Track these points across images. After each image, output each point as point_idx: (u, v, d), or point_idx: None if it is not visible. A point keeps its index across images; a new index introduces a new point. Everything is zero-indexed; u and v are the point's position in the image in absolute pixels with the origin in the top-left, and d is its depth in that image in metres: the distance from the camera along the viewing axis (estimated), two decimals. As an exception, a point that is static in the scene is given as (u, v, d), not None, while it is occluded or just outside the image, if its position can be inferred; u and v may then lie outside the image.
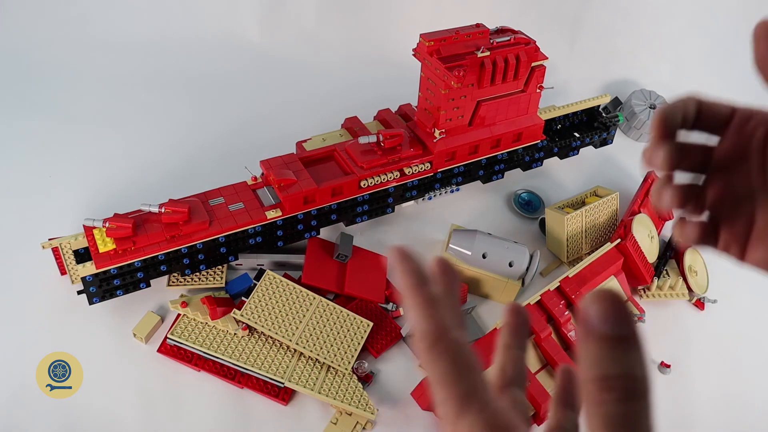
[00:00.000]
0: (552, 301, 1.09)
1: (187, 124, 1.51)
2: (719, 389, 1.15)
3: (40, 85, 1.55)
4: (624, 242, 1.19)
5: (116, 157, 1.40)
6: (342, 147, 1.23)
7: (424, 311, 0.34)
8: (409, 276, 0.35)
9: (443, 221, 1.33)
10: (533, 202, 1.43)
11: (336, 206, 1.20)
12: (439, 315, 0.34)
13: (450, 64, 1.15)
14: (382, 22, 1.79)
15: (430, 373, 0.33)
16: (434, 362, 0.32)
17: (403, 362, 1.11)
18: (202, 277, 1.14)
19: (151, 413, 0.99)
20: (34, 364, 1.01)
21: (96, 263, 1.00)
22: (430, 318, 0.34)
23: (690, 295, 1.28)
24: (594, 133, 1.49)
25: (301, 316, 1.07)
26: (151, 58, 1.66)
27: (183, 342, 1.02)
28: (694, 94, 0.46)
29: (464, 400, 0.31)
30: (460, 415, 0.31)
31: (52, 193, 1.30)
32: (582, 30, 1.87)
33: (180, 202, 1.07)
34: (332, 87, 1.65)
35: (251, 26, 1.75)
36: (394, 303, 1.18)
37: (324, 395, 1.00)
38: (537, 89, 1.29)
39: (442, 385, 0.32)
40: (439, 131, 1.23)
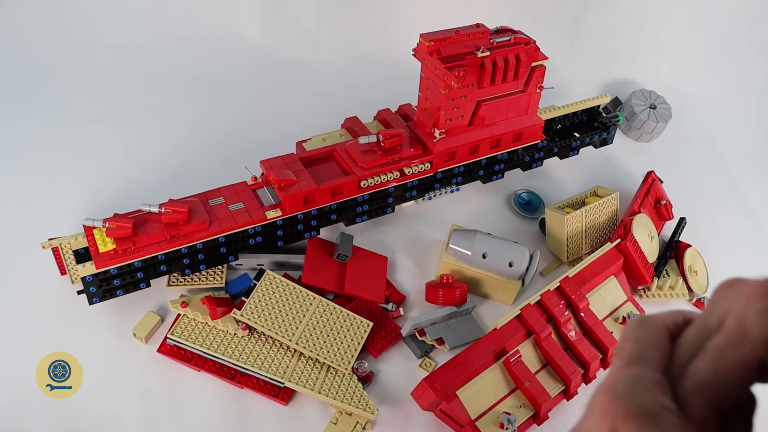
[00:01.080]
0: (552, 301, 1.09)
1: (187, 124, 1.51)
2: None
3: (40, 85, 1.55)
4: (624, 242, 1.19)
5: (116, 157, 1.40)
6: (342, 147, 1.23)
7: (671, 315, 0.38)
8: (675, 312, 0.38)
9: (443, 221, 1.33)
10: (533, 202, 1.43)
11: (336, 206, 1.20)
12: (669, 319, 0.37)
13: (450, 64, 1.15)
14: (382, 22, 1.79)
15: (630, 333, 0.36)
16: (639, 329, 0.36)
17: (403, 362, 1.11)
18: (202, 277, 1.14)
19: (151, 413, 0.99)
20: (34, 364, 1.01)
21: (96, 263, 1.00)
22: (668, 316, 0.37)
23: (690, 295, 1.28)
24: (594, 133, 1.49)
25: (301, 316, 1.07)
26: (151, 58, 1.66)
27: (183, 342, 1.02)
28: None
29: (641, 357, 0.34)
30: (631, 364, 0.34)
31: (52, 193, 1.30)
32: (582, 30, 1.87)
33: (180, 202, 1.07)
34: (332, 87, 1.65)
35: (251, 26, 1.75)
36: (394, 303, 1.18)
37: (324, 395, 1.00)
38: (537, 89, 1.29)
39: (632, 342, 0.36)
40: (439, 131, 1.23)
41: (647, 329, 0.36)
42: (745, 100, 1.85)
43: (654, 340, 0.36)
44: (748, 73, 1.87)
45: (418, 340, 1.12)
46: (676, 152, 1.70)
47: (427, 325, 1.10)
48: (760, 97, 1.86)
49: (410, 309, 1.19)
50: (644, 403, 0.31)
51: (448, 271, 1.19)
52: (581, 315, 1.10)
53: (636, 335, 0.36)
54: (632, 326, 0.37)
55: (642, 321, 0.37)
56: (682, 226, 1.37)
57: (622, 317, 1.16)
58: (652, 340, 0.36)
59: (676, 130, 1.72)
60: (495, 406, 1.00)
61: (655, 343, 0.35)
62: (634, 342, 0.36)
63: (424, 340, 1.11)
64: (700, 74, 1.87)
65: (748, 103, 1.85)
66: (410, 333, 1.10)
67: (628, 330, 0.37)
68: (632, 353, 0.35)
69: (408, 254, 1.28)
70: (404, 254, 1.28)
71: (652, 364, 0.34)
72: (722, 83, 1.87)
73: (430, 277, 1.24)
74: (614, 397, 0.32)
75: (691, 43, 1.88)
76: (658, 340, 0.36)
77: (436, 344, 1.12)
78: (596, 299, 1.14)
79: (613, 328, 1.13)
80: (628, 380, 0.33)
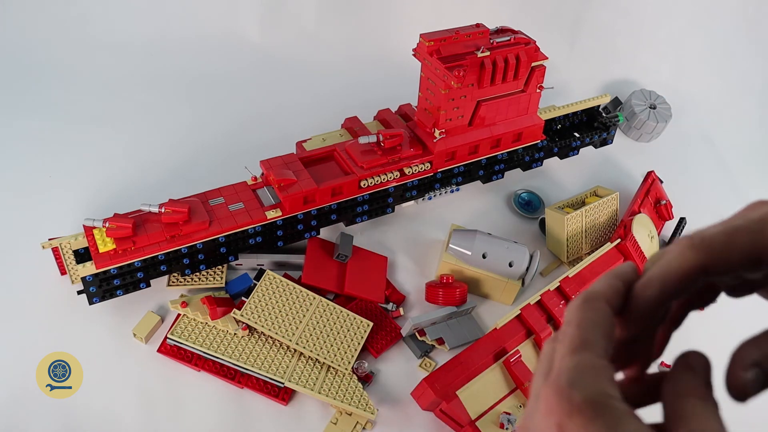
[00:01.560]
0: (552, 301, 1.09)
1: (187, 124, 1.51)
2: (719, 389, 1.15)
3: (40, 85, 1.55)
4: (624, 242, 1.19)
5: (116, 157, 1.40)
6: (342, 147, 1.23)
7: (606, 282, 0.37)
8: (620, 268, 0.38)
9: (443, 221, 1.33)
10: (533, 202, 1.43)
11: (336, 206, 1.20)
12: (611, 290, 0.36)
13: (450, 64, 1.15)
14: (382, 22, 1.79)
15: (572, 315, 0.35)
16: (582, 309, 0.35)
17: (403, 362, 1.11)
18: (202, 277, 1.14)
19: (151, 413, 0.99)
20: (34, 364, 1.01)
21: (96, 263, 1.00)
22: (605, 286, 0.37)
23: (690, 295, 1.28)
24: (594, 133, 1.49)
25: (301, 316, 1.07)
26: (151, 58, 1.66)
27: (183, 342, 1.02)
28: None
29: (584, 344, 0.33)
30: (573, 351, 0.33)
31: (52, 193, 1.30)
32: (582, 30, 1.87)
33: (180, 202, 1.07)
34: (332, 87, 1.65)
35: (251, 26, 1.75)
36: (394, 303, 1.18)
37: (324, 395, 1.00)
38: (537, 89, 1.29)
39: (574, 326, 0.35)
40: (439, 131, 1.23)
41: (589, 310, 0.35)
42: (745, 100, 1.85)
43: (596, 322, 0.35)
44: (748, 73, 1.87)
45: (418, 340, 1.12)
46: (676, 152, 1.70)
47: (427, 325, 1.10)
48: (760, 97, 1.86)
49: (410, 309, 1.19)
50: (589, 395, 0.31)
51: (448, 271, 1.19)
52: (581, 315, 1.10)
53: (578, 318, 0.35)
54: (574, 308, 0.36)
55: (584, 301, 0.36)
56: (682, 226, 1.37)
57: (622, 317, 1.16)
58: (594, 322, 0.35)
59: (676, 130, 1.72)
60: (495, 406, 1.00)
61: (598, 324, 0.35)
62: (575, 326, 0.35)
63: (424, 340, 1.11)
64: (700, 74, 1.87)
65: (748, 103, 1.85)
66: (410, 333, 1.10)
67: (570, 312, 0.36)
68: (574, 339, 0.34)
69: (408, 254, 1.28)
70: (404, 254, 1.28)
71: (596, 349, 0.33)
72: (722, 83, 1.87)
73: (430, 277, 1.24)
74: (558, 391, 0.32)
75: (691, 43, 1.88)
76: (601, 321, 0.35)
77: (436, 344, 1.12)
78: (596, 299, 1.14)
79: (613, 328, 1.13)
80: (571, 370, 0.32)
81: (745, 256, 0.35)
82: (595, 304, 0.36)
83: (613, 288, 0.37)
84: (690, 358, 0.37)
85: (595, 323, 0.35)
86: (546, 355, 0.36)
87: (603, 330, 0.35)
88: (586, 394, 0.31)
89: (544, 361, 0.36)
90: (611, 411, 0.30)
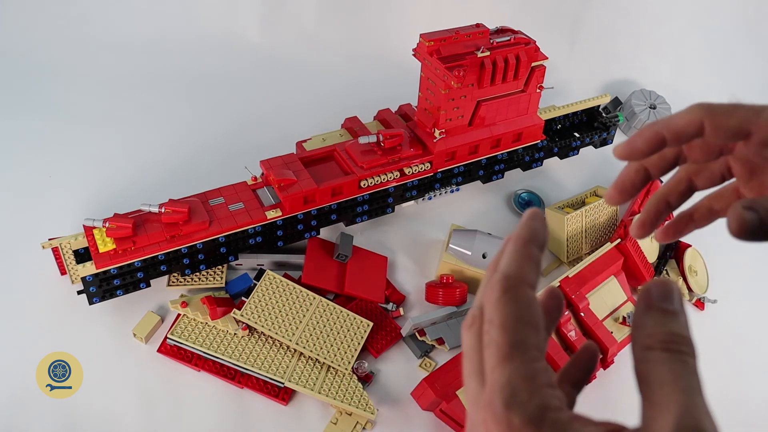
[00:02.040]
0: (552, 301, 1.09)
1: (187, 124, 1.51)
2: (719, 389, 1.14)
3: (40, 85, 1.55)
4: (624, 242, 1.19)
5: (116, 157, 1.40)
6: (342, 147, 1.23)
7: (519, 258, 0.34)
8: (530, 230, 0.36)
9: (443, 221, 1.33)
10: (533, 202, 1.43)
11: (336, 206, 1.20)
12: (529, 268, 0.34)
13: (450, 64, 1.15)
14: (382, 22, 1.79)
15: (494, 313, 0.33)
16: (503, 304, 0.33)
17: (403, 362, 1.11)
18: (202, 277, 1.14)
19: (151, 413, 0.99)
20: (34, 364, 1.01)
21: (96, 263, 1.00)
22: (522, 267, 0.34)
23: (690, 295, 1.28)
24: (594, 133, 1.49)
25: (301, 316, 1.07)
26: (151, 58, 1.66)
27: (183, 342, 1.02)
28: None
29: (515, 348, 0.31)
30: (503, 361, 0.31)
31: (52, 193, 1.30)
32: (582, 30, 1.87)
33: (180, 202, 1.07)
34: (332, 87, 1.65)
35: (251, 26, 1.75)
36: (394, 303, 1.18)
37: (324, 395, 1.00)
38: (537, 89, 1.29)
39: (499, 328, 0.32)
40: (439, 131, 1.23)
41: (511, 303, 0.33)
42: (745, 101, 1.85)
43: (521, 317, 0.32)
44: (748, 73, 1.87)
45: (418, 340, 1.12)
46: (676, 152, 1.70)
47: (427, 325, 1.10)
48: (760, 97, 1.86)
49: (410, 309, 1.19)
50: (528, 415, 0.29)
51: (448, 271, 1.19)
52: (581, 315, 1.10)
53: (501, 317, 0.32)
54: (493, 303, 0.33)
55: (503, 293, 0.33)
56: (682, 226, 1.37)
57: (622, 317, 1.16)
58: (519, 318, 0.32)
59: (676, 130, 1.72)
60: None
61: (524, 320, 0.32)
62: (500, 327, 0.32)
63: (424, 340, 1.11)
64: (700, 74, 1.87)
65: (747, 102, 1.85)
66: (410, 333, 1.10)
67: (491, 308, 0.33)
68: (501, 346, 0.32)
69: (408, 254, 1.28)
70: (404, 254, 1.28)
71: (527, 351, 0.31)
72: (722, 83, 1.87)
73: (430, 277, 1.24)
74: (496, 417, 0.30)
75: (691, 43, 1.88)
76: (527, 313, 0.33)
77: (436, 344, 1.12)
78: (596, 299, 1.14)
79: (613, 329, 1.13)
80: (505, 388, 0.30)
81: (739, 125, 0.44)
82: (516, 293, 0.33)
83: (531, 262, 0.35)
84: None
85: (521, 319, 0.32)
86: (469, 348, 0.35)
87: (532, 324, 0.32)
88: (525, 413, 0.29)
89: (470, 358, 0.34)
90: (554, 425, 0.29)
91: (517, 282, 0.33)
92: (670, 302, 0.32)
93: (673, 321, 0.32)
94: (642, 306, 0.33)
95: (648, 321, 0.32)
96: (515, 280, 0.34)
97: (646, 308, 0.32)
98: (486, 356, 0.33)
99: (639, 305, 0.33)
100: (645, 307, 0.32)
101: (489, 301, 0.34)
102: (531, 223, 0.36)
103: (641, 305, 0.33)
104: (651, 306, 0.32)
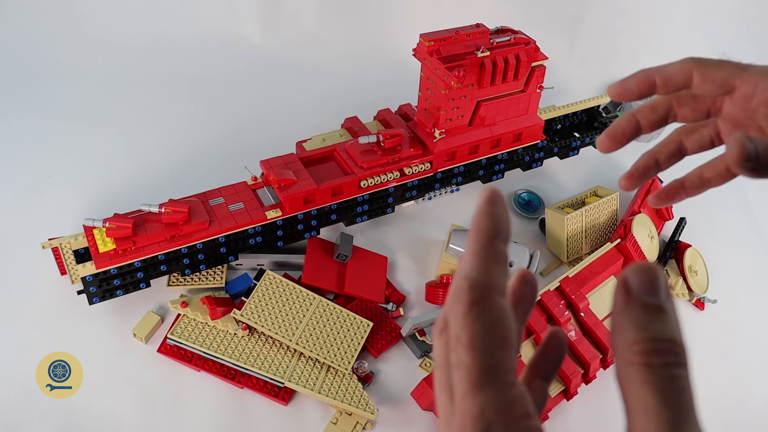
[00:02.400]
0: (552, 301, 1.09)
1: (186, 124, 1.51)
2: (719, 389, 1.15)
3: (40, 85, 1.55)
4: (624, 242, 1.19)
5: (116, 157, 1.40)
6: (342, 147, 1.23)
7: (487, 262, 0.30)
8: (490, 220, 0.31)
9: (443, 221, 1.33)
10: (533, 202, 1.43)
11: (336, 206, 1.20)
12: (499, 273, 0.30)
13: (450, 64, 1.15)
14: (382, 22, 1.79)
15: (461, 330, 0.29)
16: (471, 320, 0.28)
17: (403, 362, 1.11)
18: (202, 277, 1.14)
19: (151, 413, 0.99)
20: (34, 364, 1.01)
21: (96, 263, 1.00)
22: (489, 272, 0.30)
23: (690, 295, 1.28)
24: (594, 133, 1.49)
25: (301, 316, 1.07)
26: (151, 58, 1.66)
27: (183, 342, 1.02)
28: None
29: (487, 374, 0.28)
30: (474, 389, 0.28)
31: (52, 193, 1.30)
32: (582, 30, 1.87)
33: (180, 202, 1.07)
34: (332, 87, 1.65)
35: (251, 26, 1.75)
36: (394, 303, 1.18)
37: (324, 395, 1.00)
38: (537, 89, 1.29)
39: (468, 349, 0.28)
40: (439, 131, 1.23)
41: (481, 319, 0.28)
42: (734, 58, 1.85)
43: (494, 336, 0.28)
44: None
45: (418, 340, 1.12)
46: (676, 152, 1.70)
47: (427, 325, 1.10)
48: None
49: (410, 309, 1.19)
50: None
51: (448, 271, 1.19)
52: (581, 315, 1.10)
53: (469, 335, 0.28)
54: (460, 318, 0.29)
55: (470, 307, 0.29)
56: (682, 226, 1.37)
57: (622, 317, 1.16)
58: (490, 336, 0.28)
59: (676, 130, 1.72)
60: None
61: (497, 339, 0.28)
62: (469, 348, 0.28)
63: (424, 340, 1.11)
64: (700, 74, 1.87)
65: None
66: (410, 333, 1.10)
67: (459, 326, 0.29)
68: (472, 370, 0.28)
69: (408, 254, 1.28)
70: (404, 254, 1.28)
71: (501, 376, 0.28)
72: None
73: (430, 277, 1.24)
74: None
75: (691, 43, 1.88)
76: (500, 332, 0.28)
77: (436, 344, 1.12)
78: (596, 299, 1.14)
79: (613, 328, 1.13)
80: (477, 422, 0.27)
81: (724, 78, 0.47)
82: (485, 306, 0.29)
83: (498, 262, 0.30)
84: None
85: (493, 337, 0.28)
86: (441, 357, 0.30)
87: (505, 342, 0.28)
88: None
89: (440, 370, 0.30)
90: None
91: (485, 291, 0.29)
92: (654, 294, 0.27)
93: (659, 320, 0.27)
94: (620, 301, 0.28)
95: (627, 322, 0.27)
96: (483, 289, 0.29)
97: (624, 304, 0.28)
98: (455, 379, 0.29)
99: (617, 300, 0.28)
100: (623, 302, 0.28)
101: (455, 313, 0.29)
102: (491, 210, 0.31)
103: (619, 300, 0.28)
104: (630, 301, 0.28)
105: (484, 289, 0.29)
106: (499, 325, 0.29)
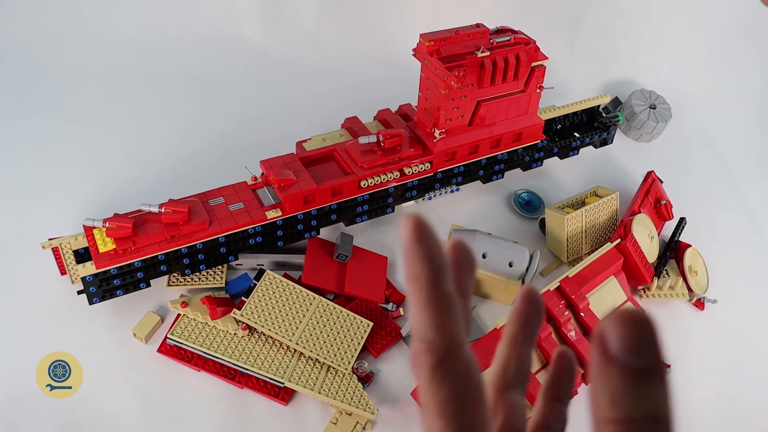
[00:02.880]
0: (552, 301, 1.09)
1: (186, 124, 1.51)
2: (719, 389, 1.15)
3: (40, 85, 1.55)
4: (624, 242, 1.19)
5: (116, 157, 1.39)
6: (342, 147, 1.23)
7: (438, 317, 0.27)
8: (424, 264, 0.27)
9: (443, 221, 1.33)
10: (533, 202, 1.43)
11: (336, 206, 1.20)
12: (453, 324, 0.27)
13: (450, 64, 1.15)
14: (382, 22, 1.79)
15: (428, 398, 0.27)
16: (436, 385, 0.26)
17: (403, 362, 1.11)
18: (202, 277, 1.14)
19: (151, 413, 0.99)
20: (34, 364, 1.01)
21: (96, 263, 1.00)
22: (443, 328, 0.27)
23: (690, 295, 1.28)
24: (594, 133, 1.49)
25: (301, 316, 1.07)
26: (151, 58, 1.65)
27: (183, 342, 1.02)
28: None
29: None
30: None
31: (52, 193, 1.30)
32: (582, 30, 1.87)
33: (180, 202, 1.07)
34: (332, 87, 1.65)
35: (251, 26, 1.75)
36: (394, 303, 1.18)
37: (324, 395, 1.00)
38: (537, 89, 1.29)
39: (439, 416, 0.26)
40: (439, 131, 1.23)
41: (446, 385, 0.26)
42: (745, 100, 1.85)
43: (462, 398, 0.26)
44: (748, 73, 1.87)
45: (418, 340, 1.12)
46: (676, 152, 1.70)
47: (427, 325, 1.10)
48: (760, 97, 1.86)
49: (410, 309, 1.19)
50: None
51: (448, 271, 1.19)
52: (581, 315, 1.10)
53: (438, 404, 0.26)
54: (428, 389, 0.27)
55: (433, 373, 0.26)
56: (682, 226, 1.37)
57: (622, 317, 1.16)
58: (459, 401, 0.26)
59: (676, 130, 1.72)
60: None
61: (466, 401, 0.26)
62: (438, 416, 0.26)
63: (424, 340, 1.11)
64: (700, 74, 1.87)
65: (748, 103, 1.85)
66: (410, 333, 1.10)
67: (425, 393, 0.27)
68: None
69: (408, 254, 1.28)
70: (404, 254, 1.28)
71: None
72: (722, 83, 1.87)
73: (430, 277, 1.24)
74: None
75: (691, 43, 1.88)
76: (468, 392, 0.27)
77: (436, 344, 1.12)
78: (596, 299, 1.14)
79: (613, 328, 1.13)
80: None
81: None
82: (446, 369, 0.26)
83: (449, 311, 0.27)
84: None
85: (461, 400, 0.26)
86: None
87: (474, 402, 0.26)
88: None
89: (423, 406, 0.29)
90: None
91: (444, 352, 0.27)
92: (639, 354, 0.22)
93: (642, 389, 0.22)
94: (596, 362, 0.23)
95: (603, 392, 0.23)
96: (441, 350, 0.27)
97: (601, 367, 0.23)
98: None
99: (594, 360, 0.23)
100: (599, 364, 0.23)
101: (419, 378, 0.27)
102: (421, 250, 0.27)
103: (596, 360, 0.23)
104: (608, 364, 0.23)
105: (442, 348, 0.27)
106: (466, 384, 0.27)
